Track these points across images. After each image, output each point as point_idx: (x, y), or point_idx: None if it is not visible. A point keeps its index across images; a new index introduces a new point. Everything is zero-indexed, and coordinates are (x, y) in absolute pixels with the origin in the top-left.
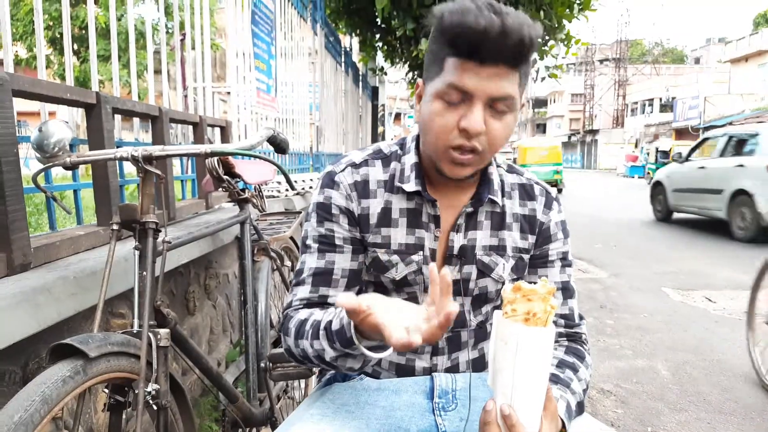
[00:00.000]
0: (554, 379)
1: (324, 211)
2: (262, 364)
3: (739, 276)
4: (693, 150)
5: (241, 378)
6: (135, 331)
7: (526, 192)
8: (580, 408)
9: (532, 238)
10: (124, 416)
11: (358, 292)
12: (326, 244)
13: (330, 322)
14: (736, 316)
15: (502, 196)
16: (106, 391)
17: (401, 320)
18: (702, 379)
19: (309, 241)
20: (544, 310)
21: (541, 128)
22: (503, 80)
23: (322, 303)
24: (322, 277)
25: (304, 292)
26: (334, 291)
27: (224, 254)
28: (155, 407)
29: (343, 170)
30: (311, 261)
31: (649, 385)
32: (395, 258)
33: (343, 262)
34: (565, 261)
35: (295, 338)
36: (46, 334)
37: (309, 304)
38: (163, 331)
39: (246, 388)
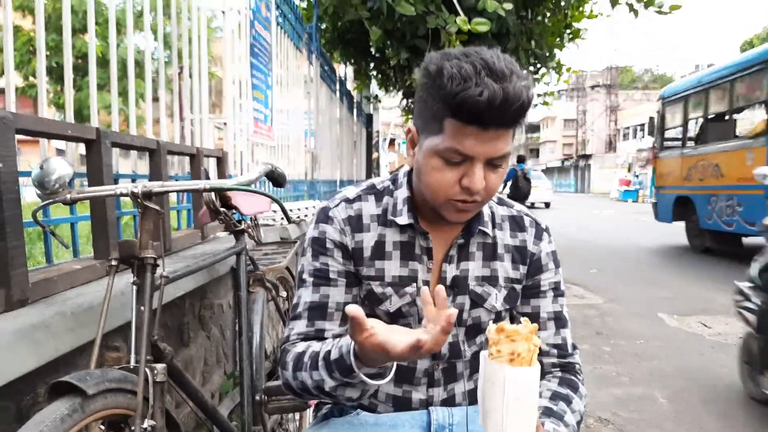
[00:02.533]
0: (547, 413)
1: (319, 246)
2: (257, 397)
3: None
4: None
5: (235, 411)
6: (132, 367)
7: (517, 223)
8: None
9: (523, 269)
10: None
11: None
12: (321, 278)
13: (329, 352)
14: (732, 341)
15: (493, 227)
16: (102, 427)
17: (404, 338)
18: (699, 406)
19: (305, 276)
20: (527, 350)
21: (535, 153)
22: (501, 141)
23: (319, 337)
24: (318, 311)
25: (300, 326)
26: (330, 324)
27: (219, 284)
28: None
29: (337, 205)
30: (306, 295)
31: (647, 413)
32: (389, 290)
33: (337, 295)
34: (557, 291)
35: (294, 371)
36: (42, 369)
37: (306, 338)
38: (160, 366)
39: (241, 421)
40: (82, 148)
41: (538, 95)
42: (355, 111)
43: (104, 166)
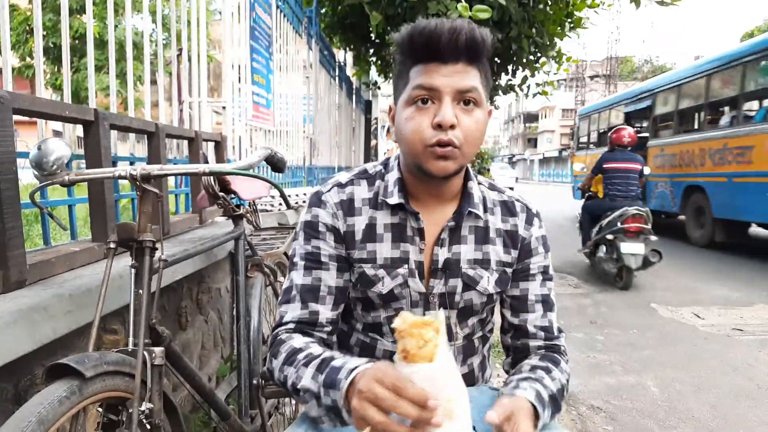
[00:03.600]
0: (523, 379)
1: (311, 229)
2: (255, 381)
3: (727, 292)
4: None
5: (232, 394)
6: (130, 350)
7: (508, 208)
8: (555, 402)
9: (514, 253)
10: None
11: (345, 309)
12: (312, 261)
13: (330, 385)
14: (725, 332)
15: (485, 211)
16: (100, 410)
17: None
18: (691, 396)
19: (296, 259)
20: (416, 345)
21: (533, 143)
22: (465, 75)
23: (313, 322)
24: (311, 293)
25: (294, 310)
26: (323, 308)
27: (217, 269)
28: (149, 426)
29: (329, 190)
30: (298, 278)
31: (639, 402)
32: (381, 272)
33: (329, 279)
34: (545, 275)
35: (283, 364)
36: (39, 351)
37: (301, 323)
38: (158, 350)
39: (238, 404)
40: (79, 130)
41: (537, 84)
42: (354, 97)
43: (102, 148)
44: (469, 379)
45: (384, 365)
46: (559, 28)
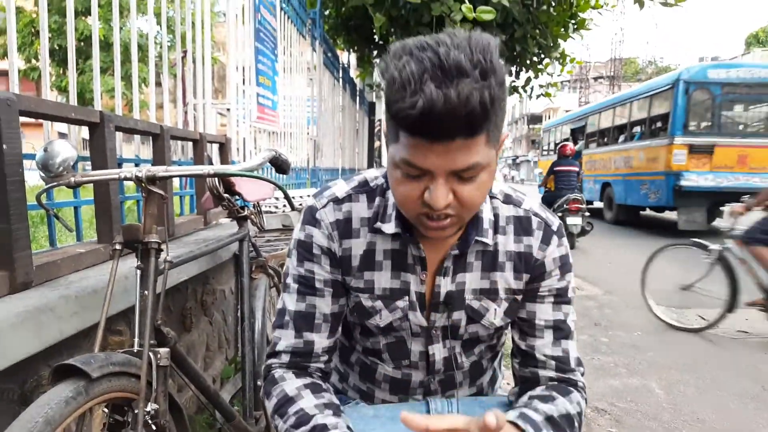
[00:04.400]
0: (513, 408)
1: (305, 250)
2: (259, 383)
3: None
4: None
5: (237, 396)
6: (135, 351)
7: (522, 226)
8: (554, 426)
9: (526, 277)
10: None
11: (344, 326)
12: (306, 286)
13: None
14: (729, 335)
15: (495, 232)
16: (106, 410)
17: None
18: (695, 398)
19: (289, 280)
20: None
21: (537, 144)
22: (462, 152)
23: (308, 352)
24: (304, 321)
25: (288, 338)
26: (318, 337)
27: (221, 270)
28: (154, 427)
29: (324, 206)
30: (291, 303)
31: (644, 404)
32: (379, 303)
33: (323, 306)
34: (560, 298)
35: (275, 411)
36: (45, 351)
37: (295, 354)
38: (163, 351)
39: (242, 406)
40: (84, 132)
41: (541, 86)
42: (357, 99)
43: (108, 150)
44: (478, 396)
45: None
46: (562, 29)
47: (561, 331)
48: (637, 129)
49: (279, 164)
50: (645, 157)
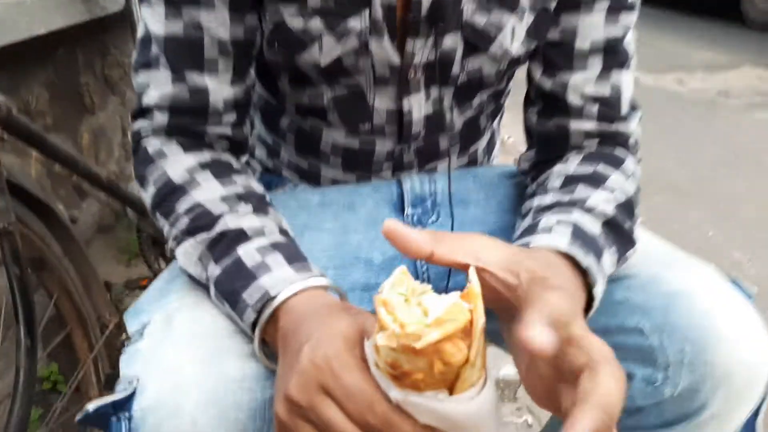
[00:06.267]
0: (546, 207)
1: None
2: None
3: (714, 56)
4: None
5: None
6: None
7: None
8: (617, 231)
9: None
10: None
11: (267, 82)
12: None
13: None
14: (709, 97)
15: None
16: None
17: None
18: (672, 164)
19: None
20: (438, 369)
21: None
22: None
23: (202, 110)
24: (186, 53)
25: (162, 84)
26: (213, 80)
27: (126, 37)
28: None
29: None
30: (158, 23)
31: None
32: (316, 23)
33: (216, 25)
34: (618, 1)
35: (155, 207)
36: None
37: (179, 111)
38: None
39: None
40: None
41: None
42: None
43: None
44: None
45: (342, 347)
46: None
47: (615, 55)
48: None
49: None
50: None
